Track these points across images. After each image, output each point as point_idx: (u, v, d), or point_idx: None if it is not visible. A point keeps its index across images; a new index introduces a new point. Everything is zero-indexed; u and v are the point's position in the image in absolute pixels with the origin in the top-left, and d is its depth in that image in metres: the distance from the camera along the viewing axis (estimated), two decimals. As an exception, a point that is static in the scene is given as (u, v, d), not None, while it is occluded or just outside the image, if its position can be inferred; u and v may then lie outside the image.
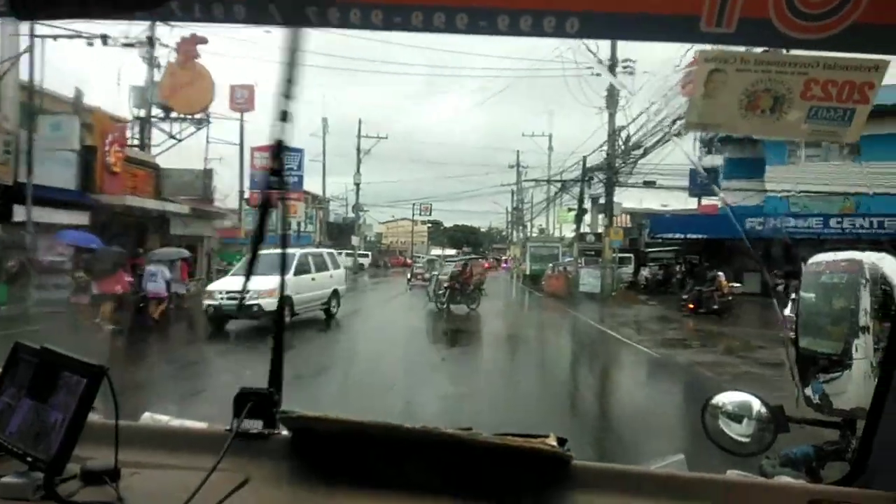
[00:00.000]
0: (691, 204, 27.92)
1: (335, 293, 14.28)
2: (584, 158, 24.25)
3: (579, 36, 1.04)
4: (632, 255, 27.06)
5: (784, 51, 1.06)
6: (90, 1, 0.90)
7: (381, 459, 1.05)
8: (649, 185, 22.30)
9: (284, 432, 1.15)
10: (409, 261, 64.23)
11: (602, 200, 24.09)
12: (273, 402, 1.14)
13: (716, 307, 15.34)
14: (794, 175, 19.57)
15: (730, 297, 15.51)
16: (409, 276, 25.63)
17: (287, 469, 1.07)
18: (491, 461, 1.03)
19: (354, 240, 43.44)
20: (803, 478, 1.13)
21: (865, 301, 1.18)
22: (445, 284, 16.24)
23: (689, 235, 21.91)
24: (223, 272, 21.55)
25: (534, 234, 44.01)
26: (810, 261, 1.37)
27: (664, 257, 26.34)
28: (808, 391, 1.26)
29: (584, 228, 27.79)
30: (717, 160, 22.44)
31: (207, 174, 25.04)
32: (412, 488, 1.01)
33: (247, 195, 41.63)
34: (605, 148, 22.11)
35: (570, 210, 33.22)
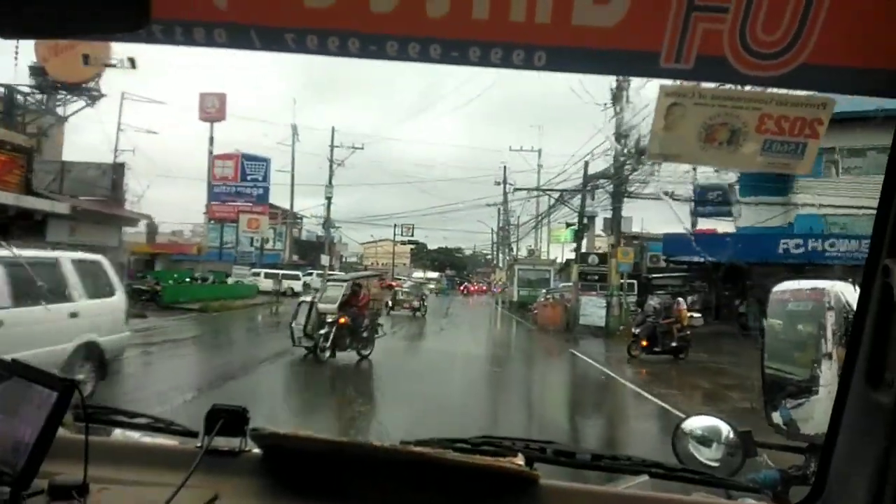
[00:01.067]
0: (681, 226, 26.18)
1: (89, 351, 7.00)
2: (587, 163, 21.88)
3: (546, 69, 1.18)
4: (633, 281, 23.44)
5: (739, 87, 1.22)
6: (72, 22, 0.97)
7: (351, 477, 1.14)
8: (664, 197, 18.73)
9: (255, 450, 1.23)
10: (393, 283, 65.29)
11: (600, 217, 22.04)
12: (244, 420, 1.23)
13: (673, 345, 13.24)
14: (829, 189, 17.31)
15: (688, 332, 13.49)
16: (388, 303, 22.75)
17: (257, 486, 1.16)
18: (459, 480, 1.12)
19: (324, 259, 41.35)
20: (767, 500, 1.21)
21: (829, 328, 1.33)
22: (329, 318, 10.96)
23: (709, 258, 18.61)
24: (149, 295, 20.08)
25: (521, 256, 41.35)
26: (775, 288, 1.50)
27: (670, 284, 23.63)
28: (776, 416, 1.39)
29: (582, 249, 26.53)
30: (729, 176, 20.53)
31: (117, 169, 21.05)
32: None
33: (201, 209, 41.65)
34: (610, 153, 19.77)
35: (568, 226, 30.61)
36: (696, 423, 1.40)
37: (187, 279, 29.46)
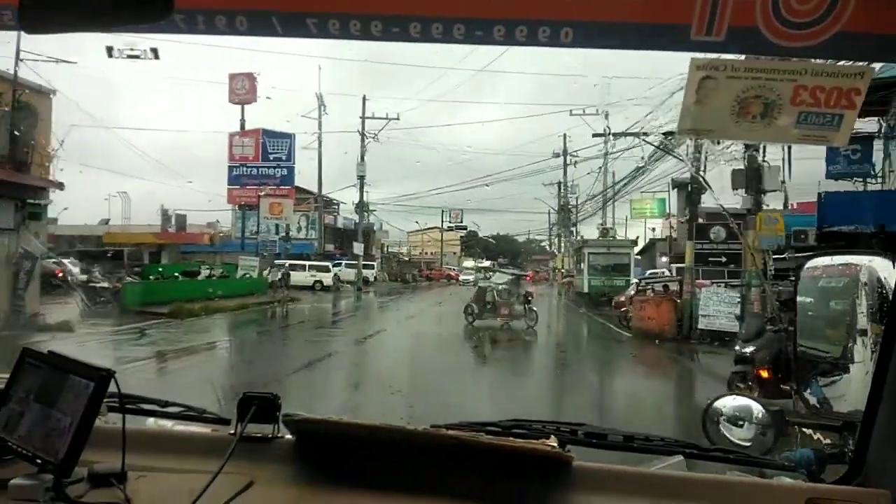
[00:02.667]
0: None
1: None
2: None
3: (573, 45, 1.25)
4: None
5: (773, 58, 1.30)
6: (97, 15, 1.09)
7: (384, 461, 1.26)
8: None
9: (288, 436, 1.36)
10: (454, 273, 61.28)
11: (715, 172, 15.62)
12: (276, 406, 1.36)
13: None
14: None
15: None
16: (470, 307, 17.68)
17: (291, 471, 1.28)
18: (493, 462, 1.23)
19: (357, 247, 40.06)
20: (803, 479, 1.33)
21: (863, 304, 1.41)
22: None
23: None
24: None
25: (589, 237, 36.70)
26: (807, 265, 1.63)
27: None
28: (808, 394, 1.53)
29: (658, 229, 25.88)
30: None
31: (21, 115, 15.85)
32: (415, 489, 1.21)
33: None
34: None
35: (654, 196, 29.66)
36: (727, 402, 1.53)
37: (177, 274, 27.56)
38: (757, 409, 1.50)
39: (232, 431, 1.37)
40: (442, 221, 65.48)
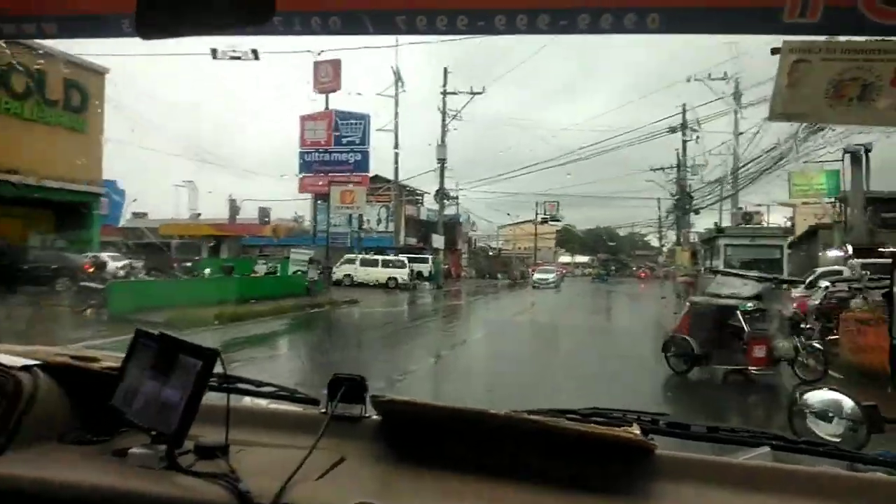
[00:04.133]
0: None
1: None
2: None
3: (661, 31, 1.32)
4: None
5: (873, 38, 1.32)
6: (205, 19, 1.26)
7: (467, 443, 1.39)
8: None
9: (375, 416, 1.53)
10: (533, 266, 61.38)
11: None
12: (363, 387, 1.54)
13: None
14: None
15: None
16: (678, 342, 10.12)
17: (379, 450, 1.45)
18: (575, 448, 1.34)
19: (437, 240, 39.28)
20: None
21: None
22: None
23: None
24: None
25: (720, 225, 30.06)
26: None
27: None
28: None
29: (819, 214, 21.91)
30: None
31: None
32: (497, 472, 1.34)
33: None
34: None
35: (823, 168, 25.28)
36: (816, 396, 1.62)
37: (207, 270, 26.12)
38: (848, 403, 1.56)
39: (323, 410, 1.56)
40: (536, 214, 63.65)
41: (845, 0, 1.25)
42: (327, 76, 41.65)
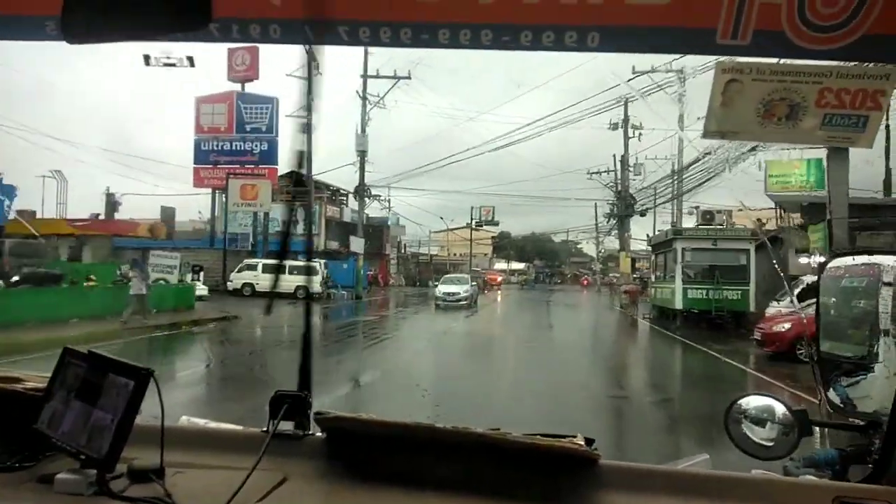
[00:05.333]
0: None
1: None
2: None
3: (600, 50, 1.53)
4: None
5: (798, 61, 1.53)
6: (137, 25, 1.34)
7: (414, 459, 1.55)
8: None
9: (319, 433, 1.66)
10: (495, 276, 65.28)
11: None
12: (307, 404, 1.68)
13: None
14: None
15: None
16: None
17: (323, 468, 1.58)
18: (520, 461, 1.52)
19: (355, 242, 38.25)
20: (827, 478, 1.65)
21: (885, 304, 1.81)
22: None
23: None
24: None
25: (677, 227, 31.94)
26: (829, 265, 1.94)
27: None
28: (831, 395, 1.85)
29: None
30: None
31: None
32: (444, 487, 1.50)
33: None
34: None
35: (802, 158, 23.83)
36: (750, 402, 1.86)
37: (15, 278, 21.68)
38: (780, 409, 1.83)
39: (264, 429, 1.68)
40: (471, 218, 65.88)
41: (774, 24, 1.49)
42: (243, 63, 40.42)
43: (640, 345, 22.36)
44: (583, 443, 1.57)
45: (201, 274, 34.13)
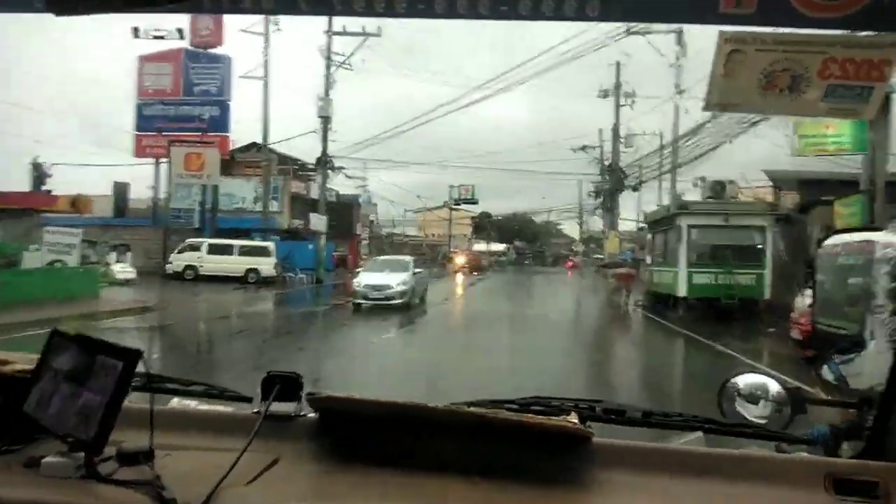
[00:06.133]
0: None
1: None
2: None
3: (600, 19, 1.64)
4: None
5: (803, 31, 1.68)
6: None
7: (407, 438, 1.67)
8: None
9: (311, 414, 1.78)
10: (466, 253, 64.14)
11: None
12: (299, 385, 1.80)
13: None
14: None
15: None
16: None
17: (315, 449, 1.70)
18: (514, 439, 1.65)
19: (315, 219, 38.06)
20: (820, 454, 1.80)
21: (881, 281, 2.00)
22: None
23: None
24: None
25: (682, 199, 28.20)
26: (826, 243, 2.20)
27: None
28: (825, 372, 2.02)
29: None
30: None
31: None
32: (437, 466, 1.62)
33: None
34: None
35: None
36: (743, 379, 2.04)
37: None
38: (774, 386, 2.01)
39: (256, 410, 1.80)
40: (450, 196, 67.15)
41: None
42: (207, 28, 38.86)
43: (659, 349, 18.99)
44: (576, 420, 1.71)
45: (128, 254, 32.86)
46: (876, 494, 1.54)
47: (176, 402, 2.05)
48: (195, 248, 34.72)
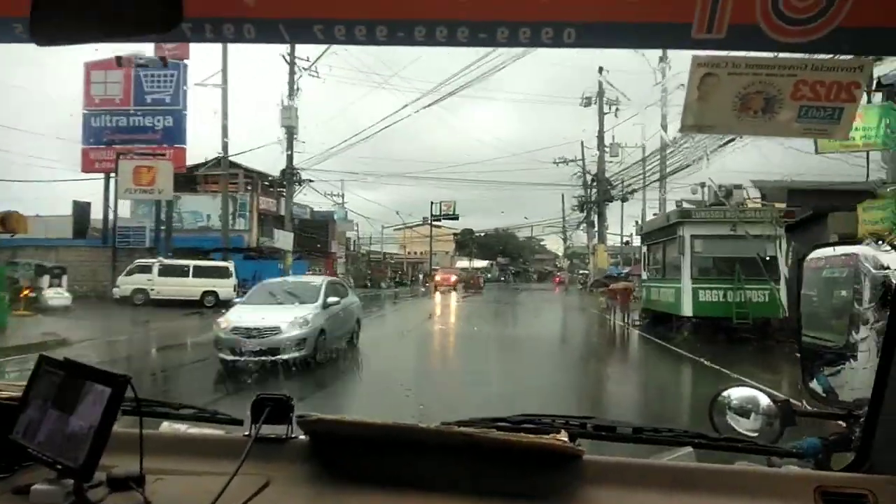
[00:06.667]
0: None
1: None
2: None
3: (576, 46, 1.79)
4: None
5: (773, 54, 1.84)
6: (107, 26, 1.51)
7: (398, 459, 1.78)
8: None
9: (302, 436, 1.88)
10: (448, 275, 65.18)
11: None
12: (289, 407, 1.90)
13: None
14: None
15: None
16: None
17: (307, 471, 1.80)
18: (505, 458, 1.76)
19: (280, 236, 38.47)
20: (810, 467, 1.93)
21: (866, 293, 2.12)
22: None
23: None
24: None
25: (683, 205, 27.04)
26: (810, 256, 2.28)
27: None
28: (814, 384, 2.17)
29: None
30: None
31: None
32: (428, 486, 1.73)
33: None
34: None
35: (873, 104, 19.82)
36: (734, 393, 2.20)
37: None
38: (764, 399, 2.15)
39: (246, 433, 1.90)
40: (431, 213, 69.18)
41: (748, 18, 1.74)
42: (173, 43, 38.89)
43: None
44: (566, 438, 1.83)
45: (63, 278, 31.70)
46: None
47: (167, 425, 2.15)
48: (145, 269, 33.55)
